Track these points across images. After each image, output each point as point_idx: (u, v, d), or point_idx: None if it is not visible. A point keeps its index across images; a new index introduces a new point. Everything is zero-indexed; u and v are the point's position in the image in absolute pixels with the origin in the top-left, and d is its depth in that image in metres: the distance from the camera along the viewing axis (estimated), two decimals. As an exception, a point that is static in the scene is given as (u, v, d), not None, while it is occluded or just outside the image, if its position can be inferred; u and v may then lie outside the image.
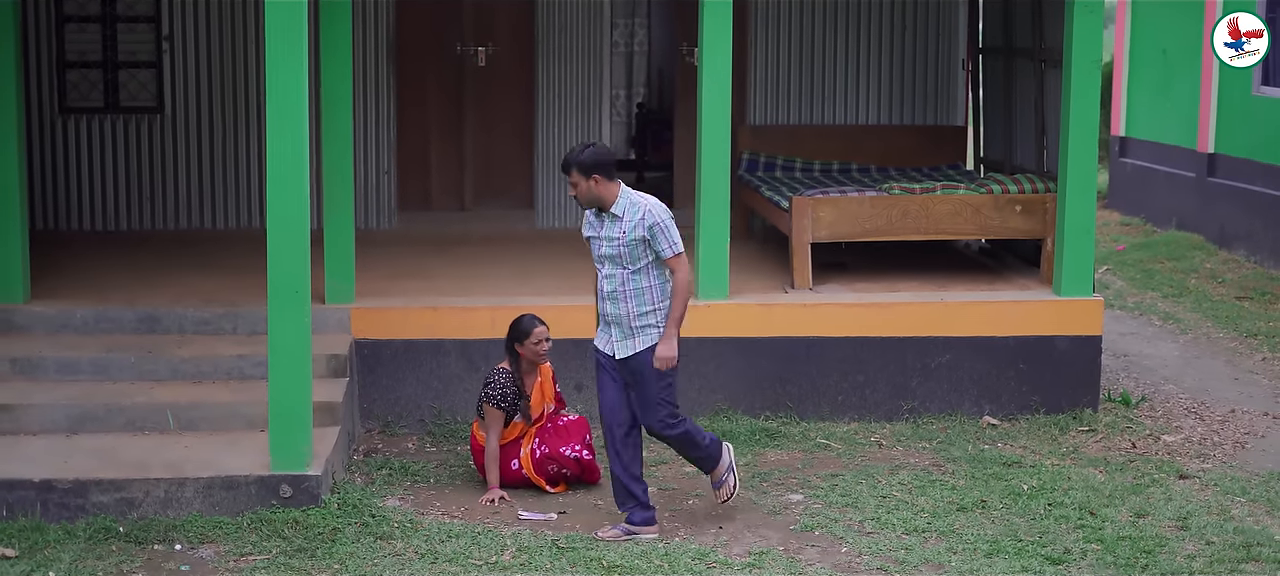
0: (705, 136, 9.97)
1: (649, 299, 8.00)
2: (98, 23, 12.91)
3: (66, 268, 11.12)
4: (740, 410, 10.19)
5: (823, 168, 12.90)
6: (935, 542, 8.07)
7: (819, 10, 13.38)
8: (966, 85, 13.68)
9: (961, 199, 10.81)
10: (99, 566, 7.64)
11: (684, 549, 7.92)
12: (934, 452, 9.68)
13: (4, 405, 8.99)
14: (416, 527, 8.18)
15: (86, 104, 12.94)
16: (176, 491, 8.24)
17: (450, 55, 13.40)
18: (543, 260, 11.76)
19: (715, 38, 9.91)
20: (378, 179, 13.17)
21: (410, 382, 10.04)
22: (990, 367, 10.35)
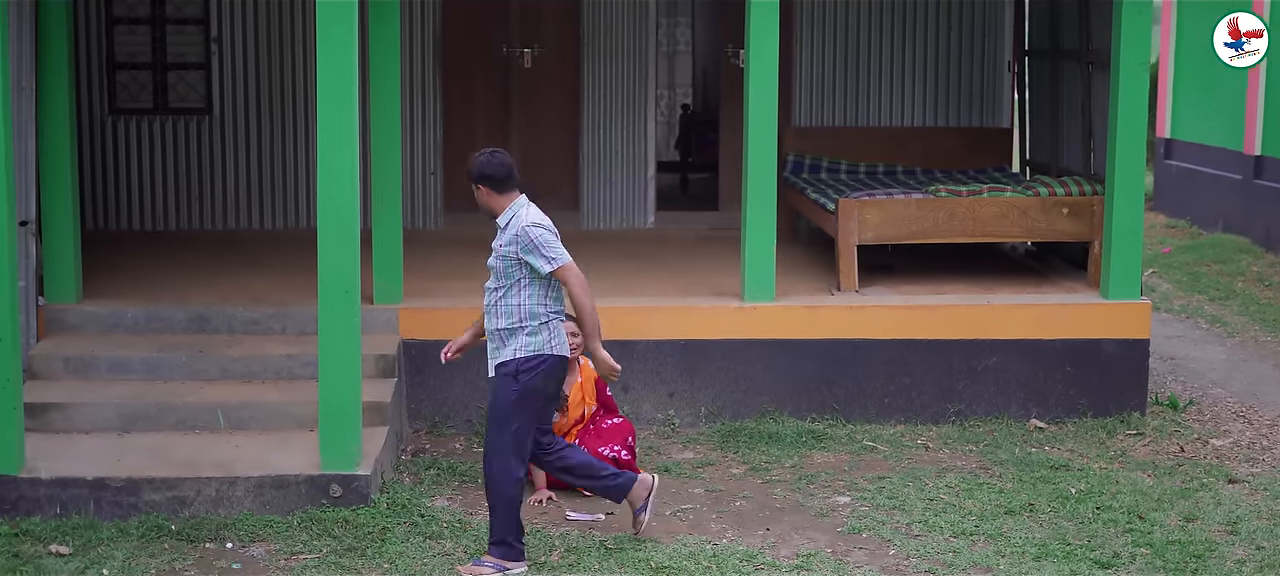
0: (751, 138, 9.99)
1: (516, 316, 7.63)
2: (147, 25, 13.01)
3: (117, 268, 11.21)
4: (786, 412, 10.19)
5: (868, 170, 12.90)
6: (983, 546, 8.07)
7: (864, 12, 13.38)
8: (1012, 87, 13.66)
9: (1008, 201, 10.79)
10: (151, 564, 7.70)
11: (732, 550, 7.93)
12: (981, 455, 9.67)
13: (57, 404, 9.08)
14: (465, 527, 8.22)
15: (136, 105, 13.03)
16: (227, 490, 8.31)
17: (497, 56, 13.44)
18: (588, 261, 11.63)
19: (762, 38, 9.91)
20: (424, 180, 13.22)
21: (457, 383, 10.08)
22: (1037, 370, 10.33)
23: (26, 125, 9.40)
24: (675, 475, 9.24)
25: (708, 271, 11.25)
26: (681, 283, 10.94)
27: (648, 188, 13.49)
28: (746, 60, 10.00)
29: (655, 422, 10.17)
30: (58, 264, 9.96)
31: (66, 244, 9.96)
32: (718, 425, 10.12)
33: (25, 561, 7.68)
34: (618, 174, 13.45)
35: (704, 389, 10.20)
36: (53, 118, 9.77)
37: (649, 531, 8.20)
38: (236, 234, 12.97)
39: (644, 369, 10.14)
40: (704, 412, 10.21)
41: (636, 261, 11.82)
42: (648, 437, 9.91)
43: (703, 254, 12.10)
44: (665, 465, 9.38)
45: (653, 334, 10.15)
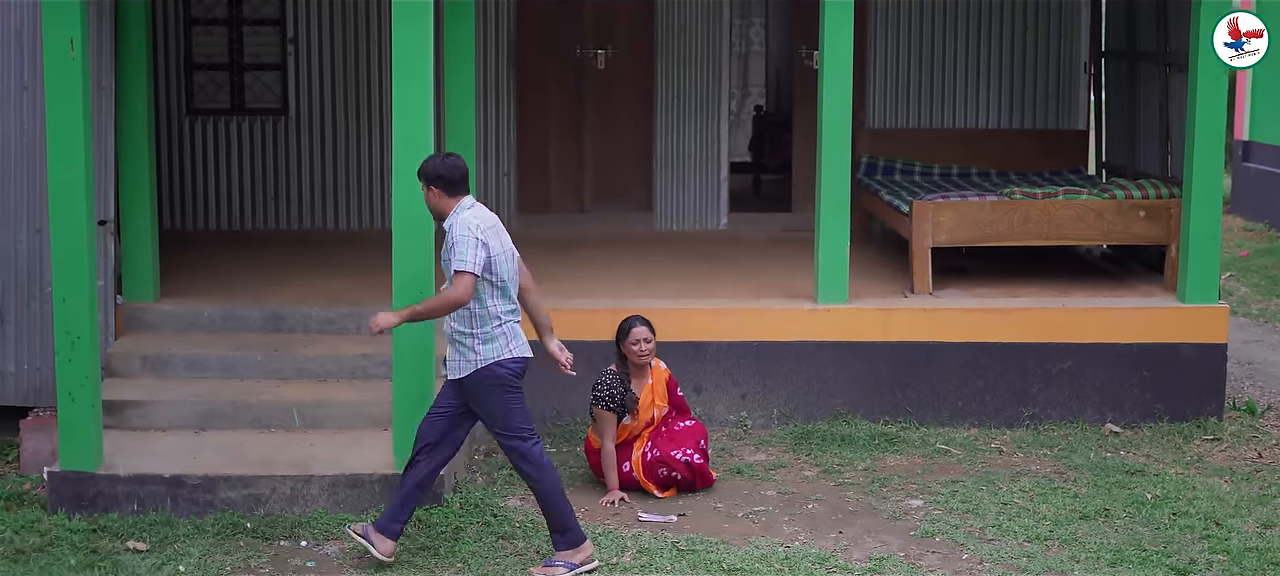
0: (825, 139, 9.95)
1: (468, 320, 7.61)
2: (224, 26, 13.13)
3: (194, 267, 11.31)
4: (859, 414, 10.16)
5: (942, 171, 12.84)
6: (1058, 551, 8.01)
7: (939, 12, 13.32)
8: (1088, 89, 13.55)
9: (1084, 204, 10.71)
10: (227, 561, 7.77)
11: (804, 553, 7.92)
12: (1055, 459, 9.60)
13: (135, 401, 9.17)
14: (537, 528, 8.23)
15: (213, 105, 13.15)
16: (302, 488, 8.37)
17: (570, 58, 13.47)
18: (661, 262, 11.80)
19: (836, 39, 9.88)
20: (498, 180, 13.26)
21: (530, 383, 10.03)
22: (1113, 374, 10.24)
23: (106, 125, 9.50)
24: (747, 477, 9.23)
25: (781, 273, 11.22)
26: (754, 284, 10.92)
27: (721, 189, 13.47)
28: (820, 61, 9.97)
29: (728, 424, 10.16)
30: (136, 263, 10.06)
31: (144, 243, 10.06)
32: (790, 427, 10.09)
33: (103, 557, 7.77)
34: (691, 175, 13.45)
35: (777, 391, 10.18)
36: (131, 118, 9.87)
37: (723, 532, 8.20)
38: (312, 234, 13.06)
39: (716, 370, 10.13)
40: (776, 414, 10.19)
41: (709, 263, 11.82)
42: (720, 439, 9.90)
43: (776, 255, 12.08)
44: (737, 467, 9.38)
45: (725, 335, 10.14)
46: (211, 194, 13.17)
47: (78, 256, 8.29)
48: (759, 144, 17.34)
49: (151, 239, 10.10)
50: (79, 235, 8.28)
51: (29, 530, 8.14)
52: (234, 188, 13.16)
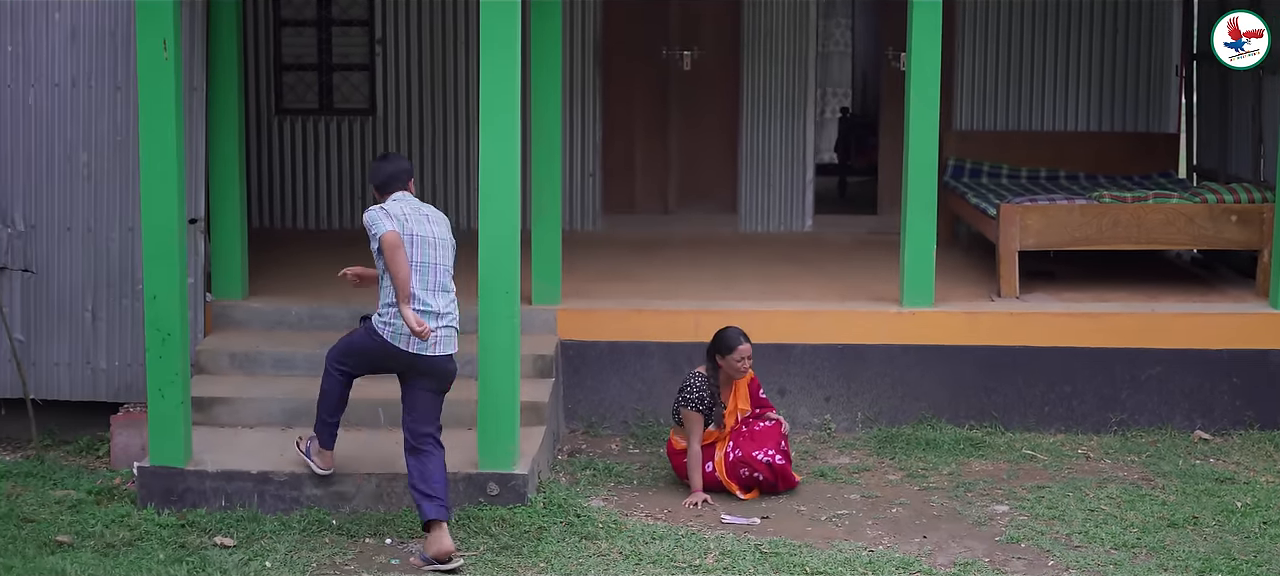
0: (912, 141, 9.90)
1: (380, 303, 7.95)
2: (314, 27, 13.24)
3: (282, 265, 11.41)
4: (944, 418, 10.10)
5: (1030, 174, 12.74)
6: (1145, 559, 7.93)
7: (1028, 14, 13.21)
8: (1180, 91, 13.40)
9: (1174, 208, 10.60)
10: (313, 558, 7.83)
11: (887, 557, 7.88)
12: (1143, 466, 9.50)
13: (223, 398, 9.27)
14: (620, 528, 8.25)
15: (302, 105, 13.27)
16: (388, 486, 8.42)
17: (656, 58, 13.48)
18: (746, 264, 11.78)
19: (924, 40, 9.81)
20: (583, 181, 13.30)
21: (614, 384, 10.13)
22: (1202, 381, 10.12)
23: (197, 125, 9.61)
24: (831, 480, 9.20)
25: (866, 276, 11.18)
26: (840, 287, 10.88)
27: (806, 191, 13.44)
28: (908, 62, 9.92)
29: (812, 427, 10.13)
30: (225, 261, 10.17)
31: (234, 241, 10.16)
32: (874, 431, 10.05)
33: (191, 552, 7.86)
34: (776, 177, 13.42)
35: (861, 394, 10.14)
36: (222, 118, 9.98)
37: (805, 535, 8.19)
38: (398, 233, 13.10)
39: (801, 373, 10.11)
40: (861, 418, 10.15)
41: (794, 265, 11.79)
42: (804, 442, 9.87)
43: (861, 258, 12.03)
44: (821, 470, 9.35)
45: (810, 338, 10.11)
46: (299, 193, 13.28)
47: (169, 254, 8.39)
48: (845, 146, 17.29)
49: (240, 237, 10.20)
50: (170, 233, 8.38)
51: (119, 524, 8.25)
52: (321, 187, 13.27)
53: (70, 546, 7.98)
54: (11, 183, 9.73)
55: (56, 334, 9.79)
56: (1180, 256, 12.13)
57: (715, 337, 8.95)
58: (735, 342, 8.87)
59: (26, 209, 9.73)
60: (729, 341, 8.88)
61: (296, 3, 13.20)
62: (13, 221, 9.73)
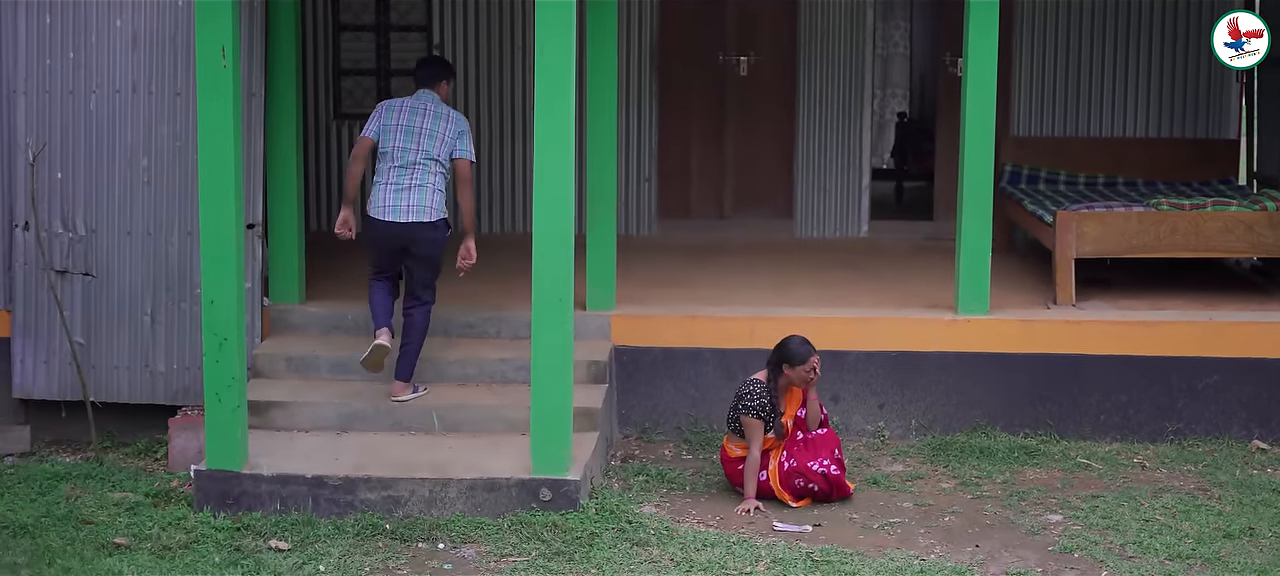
0: (968, 147, 9.86)
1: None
2: (372, 32, 13.32)
3: (339, 270, 11.46)
4: (998, 426, 10.07)
5: (1088, 181, 12.68)
6: (1200, 570, 7.88)
7: (1086, 19, 13.15)
8: (1240, 97, 13.30)
9: (1233, 215, 10.53)
10: (366, 562, 7.88)
11: (939, 566, 7.86)
12: (1199, 476, 9.44)
13: (279, 402, 9.34)
14: (672, 535, 8.26)
15: (361, 110, 13.33)
16: (441, 491, 8.47)
17: (712, 64, 13.49)
18: (802, 270, 11.78)
19: (981, 44, 9.76)
20: (639, 186, 13.32)
21: (668, 390, 10.14)
22: (1261, 390, 10.04)
23: (255, 130, 9.69)
24: (884, 487, 9.18)
25: (921, 282, 11.16)
26: (895, 293, 10.86)
27: (862, 196, 13.42)
28: (965, 67, 9.88)
29: (865, 434, 10.12)
30: (282, 265, 10.25)
31: (291, 246, 10.24)
32: (928, 438, 10.03)
33: (246, 555, 7.92)
34: (831, 182, 13.41)
35: (915, 401, 10.12)
36: (280, 122, 10.06)
37: (857, 543, 8.18)
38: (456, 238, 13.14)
39: (854, 380, 10.10)
40: (914, 425, 10.13)
41: (850, 271, 11.77)
42: (857, 449, 9.87)
43: (917, 264, 12.00)
44: (874, 477, 9.33)
45: (864, 344, 10.09)
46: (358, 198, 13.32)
47: (227, 259, 8.46)
48: (901, 151, 17.24)
49: (298, 242, 10.28)
50: (228, 238, 8.45)
51: (175, 527, 8.33)
52: (379, 191, 13.31)
53: (127, 548, 8.06)
54: (73, 187, 9.84)
55: (116, 337, 9.90)
56: (1239, 264, 12.04)
57: (782, 347, 8.90)
58: (807, 354, 8.83)
59: (87, 213, 9.84)
60: (800, 352, 8.85)
61: (355, 8, 13.29)
62: (74, 226, 9.84)
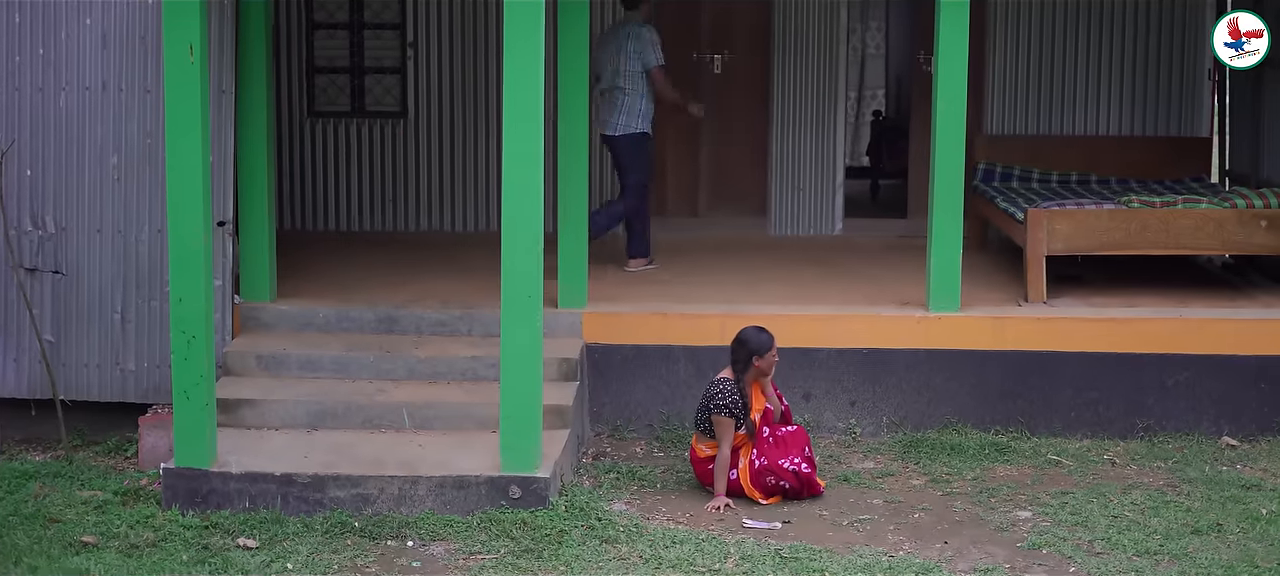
0: (939, 145, 9.88)
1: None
2: (346, 30, 13.30)
3: (311, 268, 11.46)
4: (970, 423, 10.08)
5: (1060, 179, 12.70)
6: (1168, 566, 7.90)
7: (1059, 17, 13.17)
8: (1212, 95, 13.34)
9: (1204, 213, 10.55)
10: (335, 560, 7.87)
11: (908, 563, 7.87)
12: (1169, 472, 9.46)
13: (249, 400, 9.32)
14: (642, 532, 8.26)
15: (334, 108, 13.33)
16: (410, 489, 8.45)
17: (686, 62, 13.47)
18: (774, 268, 11.78)
19: (951, 43, 9.78)
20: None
21: (639, 388, 10.14)
22: (1231, 387, 10.07)
23: (226, 128, 9.66)
24: (854, 485, 9.19)
25: (894, 280, 11.17)
26: (866, 291, 10.88)
27: (836, 195, 13.42)
28: (935, 65, 9.89)
29: (836, 431, 10.12)
30: (253, 263, 10.22)
31: (262, 244, 10.21)
32: (899, 435, 10.04)
33: (214, 554, 7.90)
34: (806, 181, 13.41)
35: (886, 398, 10.13)
36: (251, 120, 10.03)
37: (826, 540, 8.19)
38: (428, 236, 13.18)
39: (826, 377, 10.11)
40: (886, 422, 10.14)
41: (822, 269, 11.78)
42: (828, 447, 9.87)
43: (890, 262, 12.01)
44: (845, 474, 9.34)
45: (835, 342, 10.10)
46: (330, 195, 13.35)
47: (195, 257, 8.43)
48: (877, 149, 17.25)
49: (269, 240, 10.25)
50: (196, 236, 8.42)
51: (143, 525, 8.31)
52: (353, 189, 13.33)
53: (95, 547, 8.04)
54: (42, 185, 9.80)
55: (86, 335, 9.87)
56: (1211, 262, 12.08)
57: (743, 342, 8.89)
58: (768, 340, 8.87)
59: (57, 211, 9.81)
60: (763, 340, 8.86)
61: (329, 6, 13.27)
62: (43, 223, 9.81)
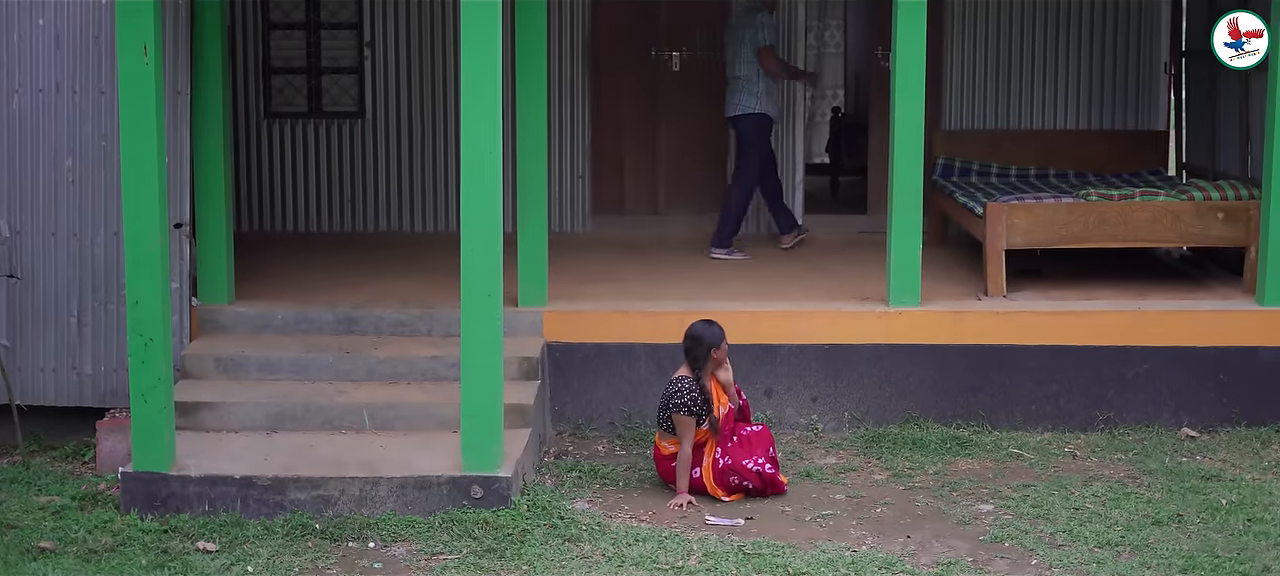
0: (898, 141, 9.89)
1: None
2: (302, 30, 13.23)
3: (269, 270, 11.40)
4: (931, 418, 10.09)
5: (1019, 173, 12.73)
6: (1129, 557, 7.92)
7: (1016, 13, 13.20)
8: (1169, 89, 13.39)
9: (1161, 205, 10.59)
10: (295, 562, 7.82)
11: (871, 557, 7.87)
12: (1129, 464, 9.49)
13: (208, 403, 9.26)
14: (604, 530, 8.24)
15: (291, 109, 13.26)
16: (371, 490, 8.41)
17: (645, 60, 13.47)
18: (734, 265, 11.77)
19: (909, 40, 9.80)
20: (572, 183, 13.29)
21: (601, 386, 10.12)
22: (1190, 378, 10.11)
23: (181, 129, 9.60)
24: (817, 480, 9.19)
25: (854, 275, 11.18)
26: (827, 287, 10.88)
27: (795, 192, 13.40)
28: (893, 60, 9.91)
29: (798, 427, 10.12)
30: (211, 265, 10.16)
31: (219, 246, 10.15)
32: (861, 430, 10.05)
33: (173, 558, 7.85)
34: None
35: (847, 394, 10.13)
36: (207, 122, 9.96)
37: (789, 536, 8.18)
38: (387, 237, 13.13)
39: (787, 373, 10.10)
40: (847, 417, 10.14)
41: (782, 265, 11.78)
42: (790, 442, 9.87)
43: (850, 258, 12.02)
44: (807, 470, 9.34)
45: (796, 338, 10.10)
46: (288, 197, 13.28)
47: (151, 260, 8.36)
48: (836, 146, 17.26)
49: (226, 241, 10.18)
50: (152, 239, 8.35)
51: (102, 530, 8.24)
52: (310, 191, 13.27)
53: (53, 552, 7.97)
54: (-4, 188, 9.74)
55: (42, 339, 9.80)
56: (1169, 254, 12.13)
57: (697, 338, 8.86)
58: (719, 332, 8.86)
59: (11, 214, 9.74)
60: (714, 333, 8.85)
61: (285, 6, 13.20)
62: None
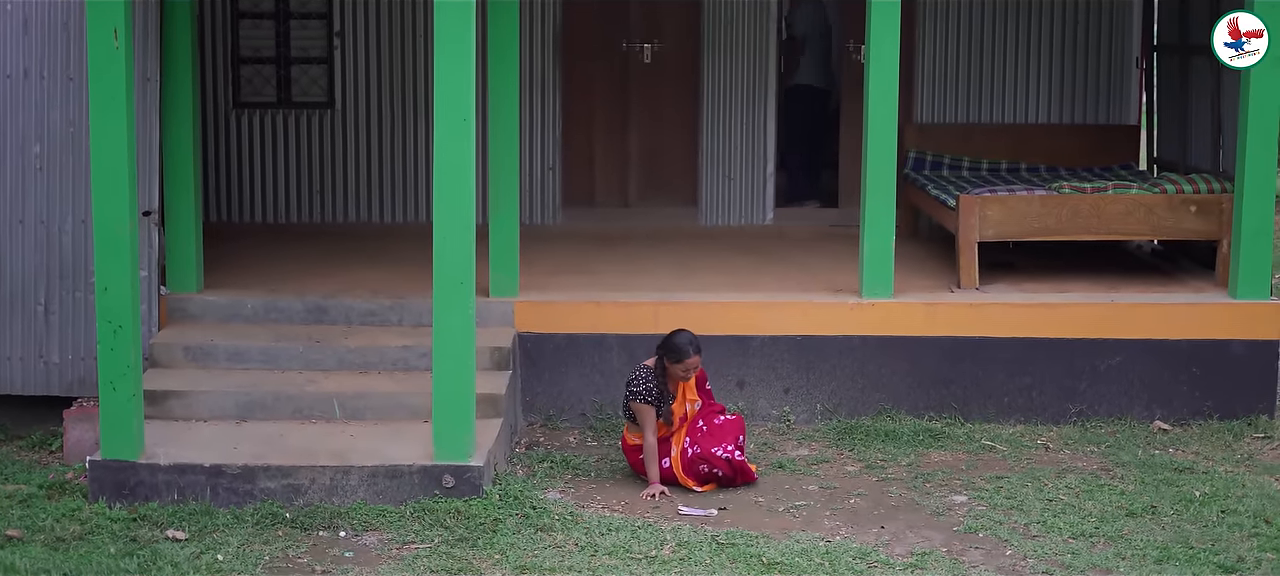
0: (871, 133, 9.86)
1: None
2: (272, 19, 13.15)
3: (239, 259, 11.33)
4: (904, 410, 10.08)
5: (991, 166, 12.73)
6: (1103, 548, 7.91)
7: (988, 6, 13.21)
8: (1140, 83, 13.41)
9: (1134, 198, 10.60)
10: (265, 551, 7.76)
11: (845, 548, 7.84)
12: (1103, 456, 9.49)
13: (177, 392, 9.19)
14: (577, 520, 8.20)
15: (260, 99, 13.18)
16: (341, 479, 8.36)
17: (616, 52, 13.43)
18: (705, 256, 11.75)
19: (882, 34, 9.79)
20: (543, 175, 13.24)
21: (572, 376, 10.07)
22: (1162, 371, 10.12)
23: (150, 117, 9.50)
24: (790, 471, 9.16)
25: (826, 267, 11.16)
26: (799, 278, 10.86)
27: (767, 184, 13.40)
28: (866, 54, 9.89)
29: (770, 419, 10.09)
30: (180, 254, 10.08)
31: (189, 234, 10.07)
32: (834, 422, 10.03)
33: (142, 546, 7.77)
34: (736, 170, 13.38)
35: (820, 385, 10.11)
36: (176, 110, 9.88)
37: (763, 526, 8.15)
38: (357, 227, 13.07)
39: (760, 365, 10.07)
40: (820, 409, 10.12)
41: (754, 257, 11.76)
42: (763, 434, 9.84)
43: (822, 250, 12.01)
44: (780, 461, 9.31)
45: (769, 330, 10.07)
46: (257, 186, 13.20)
47: (120, 247, 8.29)
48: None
49: (195, 230, 10.11)
50: (121, 226, 8.27)
51: (69, 518, 8.16)
52: (280, 180, 13.19)
53: (20, 541, 7.89)
54: (-38, 175, 9.63)
55: (8, 327, 9.69)
56: (1141, 248, 12.14)
57: (669, 340, 8.86)
58: (685, 353, 8.77)
59: (-22, 202, 9.64)
60: (680, 349, 8.78)
61: (254, -5, 13.14)
62: (-36, 214, 9.64)
